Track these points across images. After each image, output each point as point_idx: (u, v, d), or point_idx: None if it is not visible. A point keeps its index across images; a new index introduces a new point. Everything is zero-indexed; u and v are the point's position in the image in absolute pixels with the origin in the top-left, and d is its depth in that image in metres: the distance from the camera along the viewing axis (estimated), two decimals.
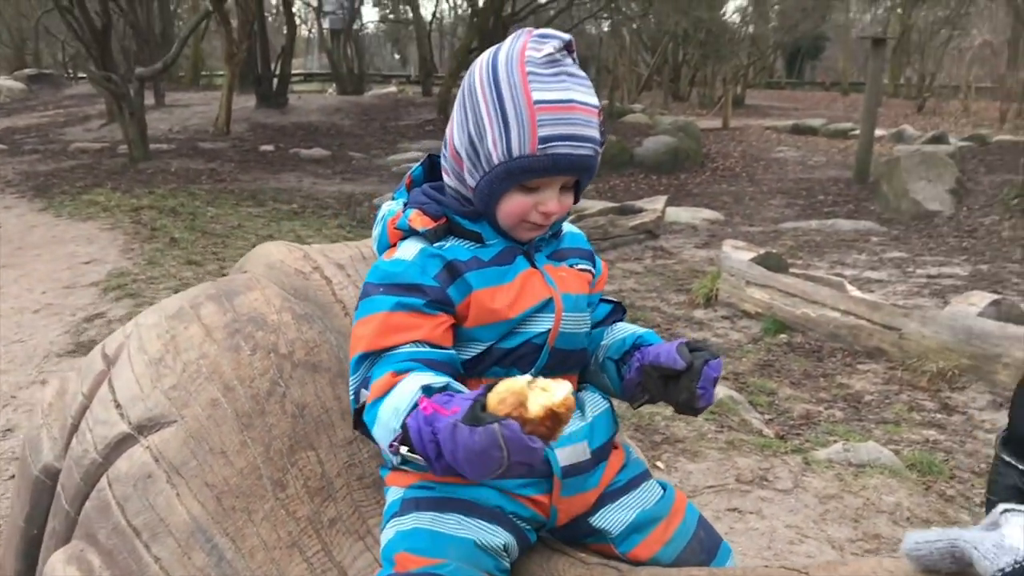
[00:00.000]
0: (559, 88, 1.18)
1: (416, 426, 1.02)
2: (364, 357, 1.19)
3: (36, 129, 15.71)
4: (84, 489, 1.57)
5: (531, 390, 0.98)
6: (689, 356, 1.23)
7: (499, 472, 0.96)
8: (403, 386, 1.10)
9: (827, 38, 40.09)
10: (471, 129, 1.23)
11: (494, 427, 0.94)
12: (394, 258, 1.26)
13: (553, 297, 1.27)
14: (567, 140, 1.18)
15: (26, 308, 5.39)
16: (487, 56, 1.25)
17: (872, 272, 8.08)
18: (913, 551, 0.82)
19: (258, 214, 8.75)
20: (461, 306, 1.23)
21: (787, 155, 17.64)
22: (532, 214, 1.24)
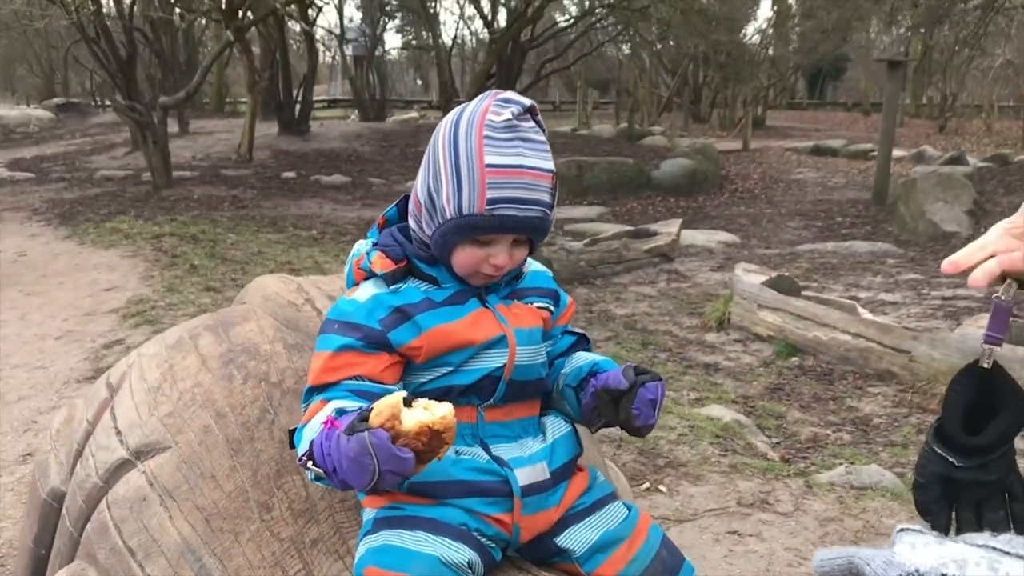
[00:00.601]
0: (511, 153, 1.27)
1: (319, 442, 1.14)
2: (311, 390, 1.31)
3: (63, 157, 16.02)
4: (86, 511, 1.66)
5: (412, 407, 1.08)
6: (633, 377, 1.31)
7: (374, 480, 1.06)
8: (322, 411, 1.21)
9: (848, 59, 40.08)
10: (430, 182, 1.33)
11: (364, 435, 1.05)
12: (352, 298, 1.36)
13: (506, 333, 1.35)
14: (513, 203, 1.27)
15: (48, 335, 5.52)
16: (453, 115, 1.34)
17: (887, 294, 8.08)
18: (819, 568, 0.89)
19: (278, 240, 8.89)
20: (413, 344, 1.31)
21: (806, 176, 17.64)
22: (484, 266, 1.33)
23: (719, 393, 5.37)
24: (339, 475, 1.11)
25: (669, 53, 30.21)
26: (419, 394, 1.31)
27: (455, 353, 1.33)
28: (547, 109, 37.27)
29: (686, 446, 4.07)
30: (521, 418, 1.39)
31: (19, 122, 20.81)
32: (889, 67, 13.57)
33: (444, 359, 1.33)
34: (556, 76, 34.48)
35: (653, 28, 23.62)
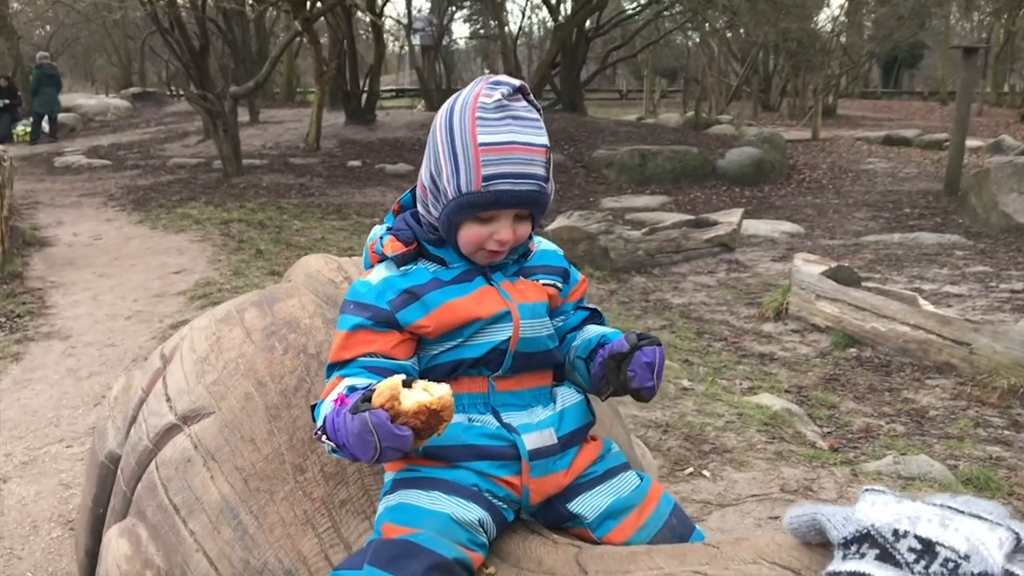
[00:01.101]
0: (502, 131, 1.35)
1: (331, 418, 1.23)
2: (331, 367, 1.40)
3: (138, 145, 16.51)
4: (138, 472, 1.77)
5: (411, 389, 1.17)
6: (634, 341, 1.38)
7: (376, 455, 1.16)
8: (336, 388, 1.31)
9: (926, 46, 39.01)
10: (432, 167, 1.42)
11: (365, 415, 1.15)
12: (365, 280, 1.46)
13: (510, 308, 1.42)
14: (508, 178, 1.35)
15: (119, 315, 5.75)
16: (450, 101, 1.43)
17: (952, 287, 7.92)
18: (789, 526, 0.94)
19: (341, 227, 9.08)
20: (420, 323, 1.40)
21: (877, 167, 17.30)
22: (489, 243, 1.40)
23: (772, 383, 5.35)
24: (348, 450, 1.20)
25: (738, 41, 29.81)
26: (431, 367, 1.41)
27: (462, 328, 1.40)
28: (613, 98, 37.10)
29: (733, 433, 4.08)
30: (532, 388, 1.46)
31: (97, 111, 21.49)
32: (965, 54, 13.23)
33: (452, 334, 1.41)
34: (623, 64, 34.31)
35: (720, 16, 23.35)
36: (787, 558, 0.95)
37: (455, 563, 1.27)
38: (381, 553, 1.27)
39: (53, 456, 3.85)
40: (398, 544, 1.28)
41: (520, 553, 1.35)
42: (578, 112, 19.78)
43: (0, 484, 3.61)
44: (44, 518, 3.35)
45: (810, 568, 0.91)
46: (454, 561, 1.27)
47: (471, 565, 1.30)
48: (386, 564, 1.25)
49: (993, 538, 0.78)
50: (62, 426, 4.18)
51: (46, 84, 17.12)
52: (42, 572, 3.03)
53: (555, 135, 16.85)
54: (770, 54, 29.99)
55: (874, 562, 0.78)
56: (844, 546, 0.82)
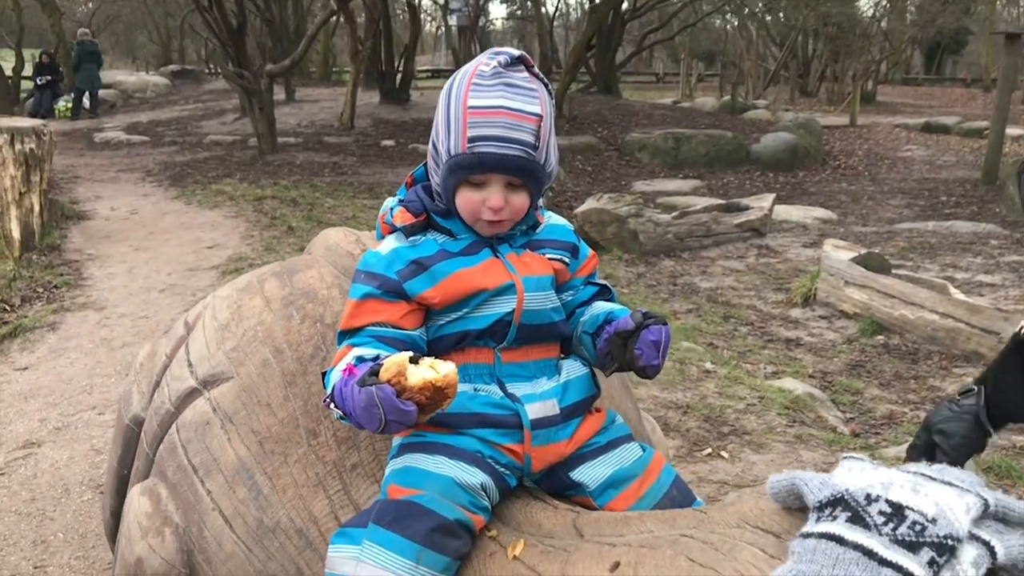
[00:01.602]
0: (492, 95, 1.38)
1: (339, 387, 1.28)
2: (342, 334, 1.45)
3: (176, 122, 16.69)
4: (160, 434, 1.84)
5: (418, 365, 1.21)
6: (640, 319, 1.41)
7: (381, 427, 1.20)
8: (345, 358, 1.35)
9: (970, 32, 38.29)
10: (433, 134, 1.47)
11: (371, 389, 1.19)
12: (375, 250, 1.50)
13: (514, 281, 1.45)
14: (492, 140, 1.37)
15: (153, 288, 5.86)
16: (456, 72, 1.47)
17: (986, 276, 7.83)
18: (770, 490, 0.97)
19: (372, 206, 9.14)
20: (427, 294, 1.44)
21: (914, 154, 17.07)
22: (483, 211, 1.43)
23: (797, 367, 5.35)
24: (354, 418, 1.25)
25: (777, 25, 29.47)
26: (438, 338, 1.45)
27: (467, 299, 1.44)
28: (649, 81, 36.83)
29: (753, 416, 4.10)
30: (537, 360, 1.50)
31: (137, 88, 21.73)
32: (1007, 40, 12.99)
33: (458, 304, 1.44)
34: (660, 47, 34.04)
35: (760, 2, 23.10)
36: (768, 522, 0.98)
37: (456, 524, 1.31)
38: (385, 512, 1.32)
39: (86, 422, 3.96)
40: (402, 504, 1.32)
41: (521, 517, 1.39)
42: (613, 95, 19.69)
43: (35, 448, 3.72)
44: (75, 482, 3.45)
45: (789, 531, 0.94)
46: (455, 522, 1.31)
47: (473, 527, 1.34)
48: (390, 523, 1.30)
49: (961, 503, 0.81)
50: (95, 394, 4.29)
51: (87, 61, 17.35)
52: (72, 533, 3.12)
53: (588, 117, 16.80)
54: (809, 39, 29.60)
55: (845, 524, 0.81)
56: (818, 509, 0.85)
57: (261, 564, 1.53)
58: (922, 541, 0.78)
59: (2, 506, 3.27)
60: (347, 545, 1.32)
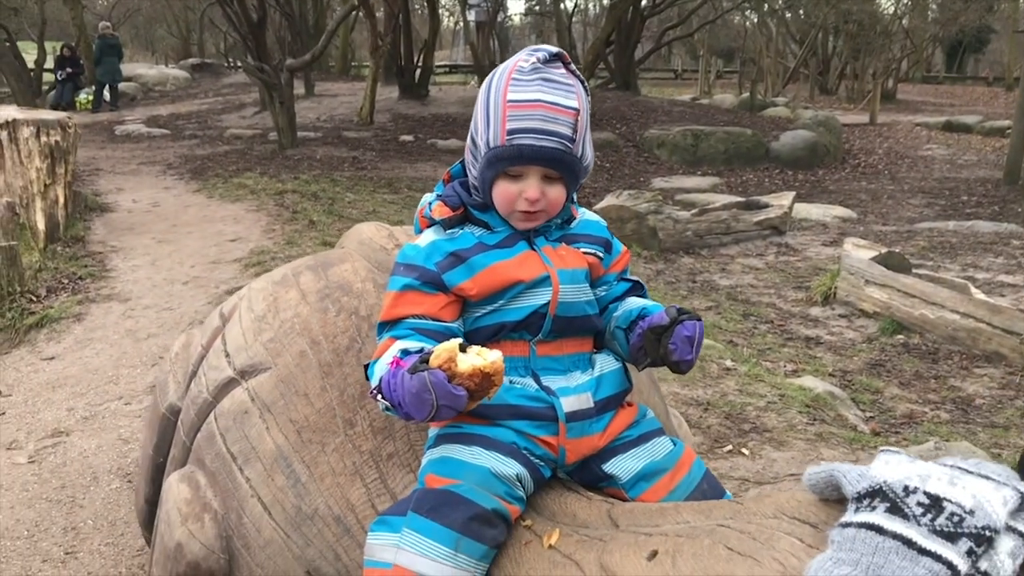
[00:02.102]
0: (530, 89, 1.41)
1: (386, 379, 1.31)
2: (382, 324, 1.48)
3: (196, 115, 16.80)
4: (197, 423, 1.88)
5: (466, 352, 1.25)
6: (674, 315, 1.44)
7: (432, 413, 1.23)
8: (389, 350, 1.38)
9: (993, 30, 37.99)
10: (472, 128, 1.50)
11: (424, 375, 1.22)
12: (414, 243, 1.54)
13: (549, 273, 1.49)
14: (531, 133, 1.41)
15: (176, 280, 5.92)
16: (496, 68, 1.50)
17: (1007, 276, 7.80)
18: (807, 482, 0.99)
19: (392, 201, 9.19)
20: (465, 285, 1.47)
21: (935, 153, 16.98)
22: (519, 202, 1.46)
23: (816, 366, 5.36)
24: (403, 408, 1.28)
25: (797, 22, 29.33)
26: (474, 330, 1.48)
27: (504, 291, 1.47)
28: (668, 77, 36.75)
29: (774, 413, 4.11)
30: (571, 353, 1.52)
31: (157, 81, 21.87)
32: None
33: (494, 296, 1.47)
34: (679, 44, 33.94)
35: None
36: (805, 512, 1.00)
37: (493, 513, 1.34)
38: (424, 501, 1.35)
39: (113, 412, 4.02)
40: (440, 494, 1.35)
41: (556, 508, 1.42)
42: (631, 91, 19.66)
43: (63, 437, 3.78)
44: (104, 470, 3.50)
45: (826, 522, 0.97)
46: (492, 512, 1.34)
47: (508, 516, 1.37)
48: (428, 511, 1.33)
49: (998, 496, 0.83)
50: (121, 384, 4.35)
51: (108, 54, 17.47)
52: (102, 520, 3.17)
53: (607, 114, 16.78)
54: (829, 36, 29.45)
55: (884, 514, 0.84)
56: (857, 500, 0.88)
57: (299, 550, 1.56)
58: (960, 532, 0.80)
59: (33, 493, 3.33)
60: (386, 533, 1.35)
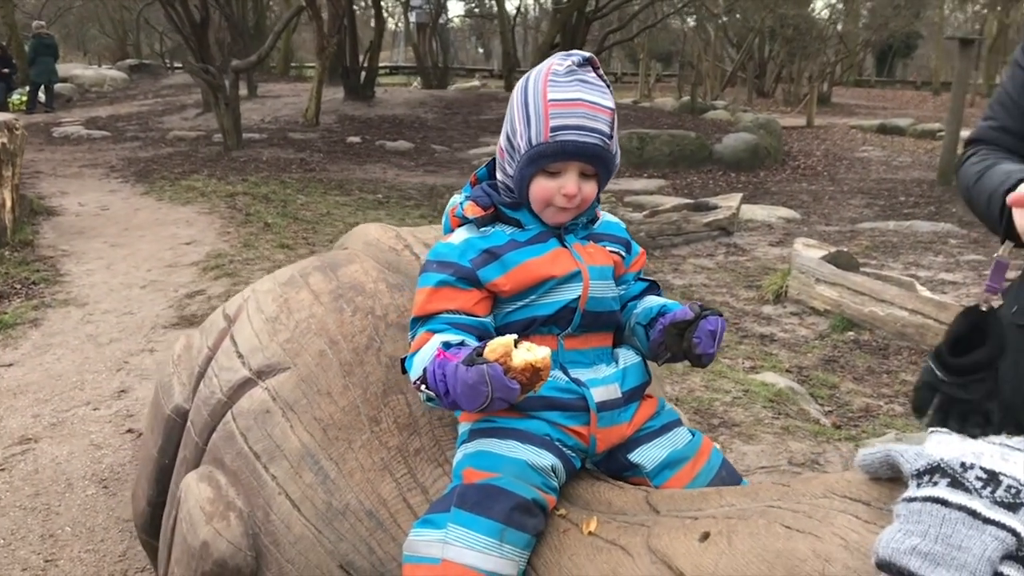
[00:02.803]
0: (570, 90, 1.48)
1: (432, 370, 1.36)
2: (415, 320, 1.52)
3: (137, 117, 16.50)
4: (211, 423, 1.89)
5: (517, 348, 1.31)
6: (698, 310, 1.52)
7: (486, 404, 1.28)
8: (430, 343, 1.43)
9: (920, 36, 39.16)
10: (508, 129, 1.56)
11: (483, 367, 1.27)
12: (447, 241, 1.58)
13: (580, 269, 1.55)
14: (574, 129, 1.47)
15: (134, 284, 5.84)
16: (527, 74, 1.57)
17: (947, 274, 8.08)
18: (861, 463, 1.06)
19: (345, 203, 9.16)
20: (498, 281, 1.52)
21: (871, 155, 17.46)
22: (556, 197, 1.52)
23: (773, 362, 5.50)
24: (451, 398, 1.33)
25: (735, 26, 29.87)
26: (505, 324, 1.54)
27: (536, 286, 1.52)
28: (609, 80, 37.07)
29: (740, 408, 4.22)
30: (596, 347, 1.59)
31: (94, 82, 21.42)
32: (961, 45, 13.36)
33: (527, 292, 1.53)
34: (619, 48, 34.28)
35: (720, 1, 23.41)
36: (857, 491, 1.07)
37: (533, 503, 1.39)
38: (467, 496, 1.39)
39: (81, 418, 3.96)
40: (481, 488, 1.40)
41: (589, 496, 1.47)
42: None
43: (32, 444, 3.72)
44: (78, 476, 3.46)
45: (879, 500, 1.04)
46: (532, 502, 1.39)
47: (546, 506, 1.42)
48: (472, 506, 1.37)
49: None
50: (87, 390, 4.29)
51: (43, 54, 17.07)
52: (80, 527, 3.14)
53: None
54: (766, 40, 30.06)
55: (947, 488, 0.91)
56: (918, 476, 0.94)
57: (332, 545, 1.59)
58: (1019, 502, 0.88)
59: (6, 501, 3.28)
60: (430, 530, 1.39)
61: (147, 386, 4.19)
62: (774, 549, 1.05)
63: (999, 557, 0.86)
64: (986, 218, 1.61)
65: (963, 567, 0.84)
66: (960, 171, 1.76)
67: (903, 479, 0.99)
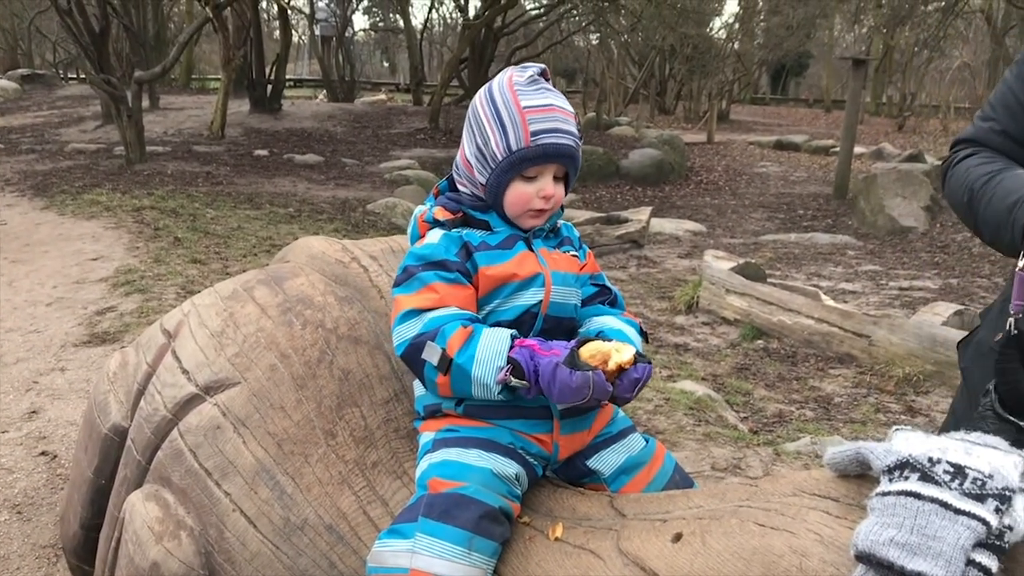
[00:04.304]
0: (541, 97, 1.54)
1: (523, 359, 1.39)
2: (415, 312, 1.50)
3: (31, 129, 15.88)
4: (155, 441, 1.85)
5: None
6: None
7: (582, 401, 1.36)
8: (489, 332, 1.45)
9: (811, 56, 40.70)
10: (478, 140, 1.58)
11: (589, 374, 1.35)
12: (424, 244, 1.58)
13: (543, 273, 1.58)
14: (552, 132, 1.53)
15: (39, 301, 5.62)
16: (483, 89, 1.62)
17: (847, 284, 8.42)
18: (830, 461, 1.12)
19: (256, 217, 9.00)
20: (474, 279, 1.55)
21: (769, 170, 18.04)
22: (534, 200, 1.57)
23: (689, 371, 5.63)
24: (544, 390, 1.38)
25: (637, 45, 30.49)
26: None
27: (500, 288, 1.55)
28: None
29: (662, 416, 4.32)
30: None
31: None
32: (854, 65, 13.94)
33: (492, 294, 1.55)
34: None
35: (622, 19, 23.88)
36: (826, 489, 1.12)
37: (500, 511, 1.41)
38: (434, 505, 1.40)
39: None
40: (448, 497, 1.41)
41: (552, 503, 1.50)
42: None
43: None
44: None
45: (848, 496, 1.09)
46: (499, 510, 1.41)
47: (512, 514, 1.45)
48: (440, 515, 1.38)
49: (1009, 461, 0.98)
50: None
51: None
52: None
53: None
54: (666, 59, 30.78)
55: (918, 482, 0.97)
56: (888, 472, 1.00)
57: (291, 560, 1.57)
58: (986, 493, 0.94)
59: None
60: (397, 540, 1.39)
61: (60, 406, 4.04)
62: (750, 547, 1.09)
63: (971, 545, 0.92)
64: (987, 222, 1.50)
65: (939, 556, 0.90)
66: (956, 169, 1.63)
67: (873, 475, 1.05)
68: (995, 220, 1.45)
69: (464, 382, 1.44)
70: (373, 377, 1.76)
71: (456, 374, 1.44)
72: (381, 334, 1.81)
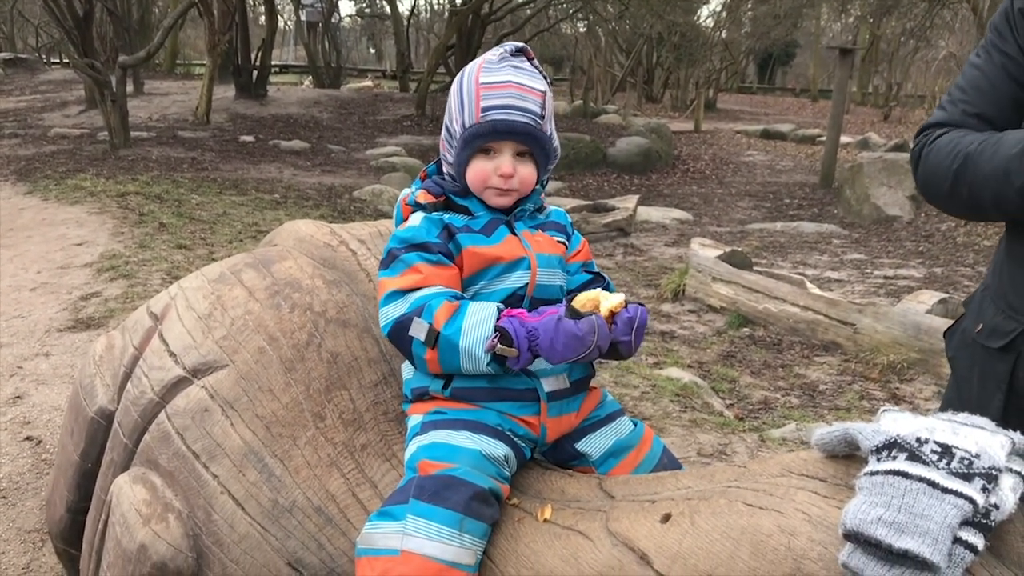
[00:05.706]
0: (503, 73, 1.54)
1: (511, 327, 1.40)
2: (401, 292, 1.51)
3: (14, 114, 15.75)
4: (142, 424, 1.84)
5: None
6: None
7: (585, 353, 1.37)
8: (476, 305, 1.46)
9: (798, 45, 40.77)
10: (446, 118, 1.61)
11: (593, 318, 1.40)
12: (407, 227, 1.59)
13: (528, 256, 1.58)
14: (503, 108, 1.53)
15: (23, 286, 5.59)
16: (466, 67, 1.62)
17: (833, 272, 8.45)
18: (818, 442, 1.12)
19: (241, 203, 8.96)
20: (457, 260, 1.56)
21: (756, 159, 18.09)
22: (492, 178, 1.57)
23: (675, 359, 5.65)
24: (544, 351, 1.39)
25: (624, 33, 30.44)
26: None
27: (486, 271, 1.56)
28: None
29: (649, 402, 4.33)
30: None
31: None
32: (841, 55, 13.98)
33: (476, 276, 1.56)
34: None
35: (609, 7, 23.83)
36: (813, 469, 1.13)
37: (490, 492, 1.41)
38: (425, 487, 1.40)
39: None
40: (439, 478, 1.41)
41: (540, 486, 1.50)
42: None
43: None
44: None
45: (835, 476, 1.10)
46: (489, 491, 1.41)
47: (501, 495, 1.45)
48: (430, 497, 1.38)
49: (995, 441, 0.99)
50: None
51: None
52: None
53: None
54: (654, 47, 30.74)
55: (906, 462, 0.97)
56: (876, 452, 1.01)
57: (279, 542, 1.57)
58: (972, 472, 0.95)
59: None
60: (388, 522, 1.39)
61: (44, 391, 4.02)
62: (738, 526, 1.10)
63: (958, 523, 0.92)
64: (990, 177, 1.42)
65: (926, 534, 0.91)
66: (937, 144, 1.56)
67: (861, 455, 1.06)
68: (1003, 167, 1.39)
69: (452, 354, 1.44)
70: (362, 360, 1.76)
71: (444, 347, 1.44)
72: (369, 317, 1.81)
